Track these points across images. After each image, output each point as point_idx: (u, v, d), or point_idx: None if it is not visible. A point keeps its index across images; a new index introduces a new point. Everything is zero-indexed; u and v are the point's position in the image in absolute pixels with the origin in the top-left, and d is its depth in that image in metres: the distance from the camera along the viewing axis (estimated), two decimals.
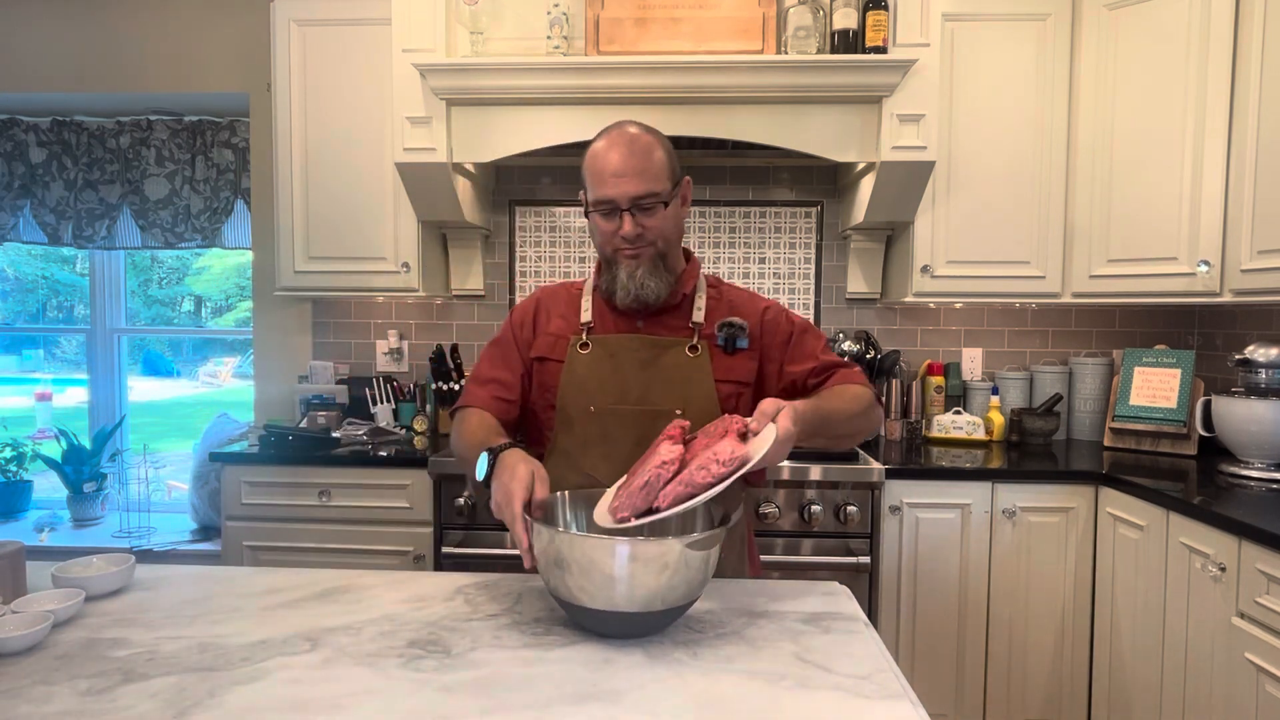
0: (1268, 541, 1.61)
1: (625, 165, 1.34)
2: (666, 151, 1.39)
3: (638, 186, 1.34)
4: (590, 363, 1.42)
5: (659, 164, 1.36)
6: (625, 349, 1.42)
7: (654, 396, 1.39)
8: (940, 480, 2.27)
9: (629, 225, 1.35)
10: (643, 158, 1.35)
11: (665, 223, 1.38)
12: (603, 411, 1.39)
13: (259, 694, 0.91)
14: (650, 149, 1.36)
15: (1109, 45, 2.42)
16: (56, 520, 3.23)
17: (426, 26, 2.34)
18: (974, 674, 2.29)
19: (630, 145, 1.35)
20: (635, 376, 1.40)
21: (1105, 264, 2.45)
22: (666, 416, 1.36)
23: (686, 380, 1.39)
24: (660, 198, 1.36)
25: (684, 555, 1.01)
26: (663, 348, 1.41)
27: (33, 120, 3.15)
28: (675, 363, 1.40)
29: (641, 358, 1.41)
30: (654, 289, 1.39)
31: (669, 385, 1.39)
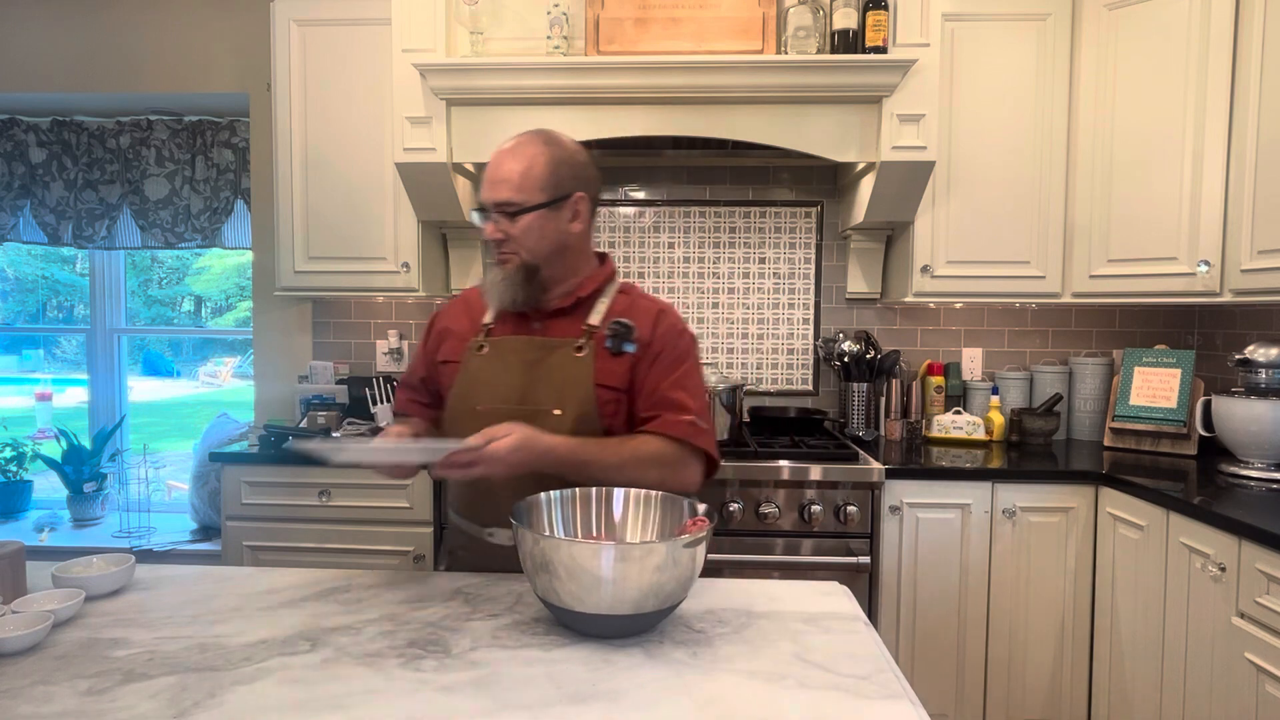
0: (1268, 541, 1.61)
1: (497, 171, 1.38)
2: (552, 164, 1.38)
3: (500, 193, 1.37)
4: (483, 364, 1.44)
5: (533, 175, 1.37)
6: (514, 349, 1.44)
7: (535, 397, 1.39)
8: (940, 480, 2.27)
9: (489, 228, 1.39)
10: (517, 166, 1.37)
11: (529, 233, 1.38)
12: (486, 411, 1.39)
13: (259, 694, 0.91)
14: (530, 159, 1.37)
15: (1109, 45, 2.42)
16: (56, 520, 3.23)
17: (426, 26, 2.34)
18: (974, 674, 2.29)
19: (511, 153, 1.39)
20: (520, 377, 1.41)
21: (1105, 264, 2.45)
22: (545, 417, 1.36)
23: (567, 381, 1.39)
24: (520, 207, 1.36)
25: (672, 554, 1.01)
26: (550, 348, 1.42)
27: (33, 120, 3.15)
28: (560, 363, 1.41)
29: (528, 358, 1.42)
30: (514, 300, 1.40)
31: (550, 386, 1.40)
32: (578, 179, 1.41)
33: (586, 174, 1.43)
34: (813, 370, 2.95)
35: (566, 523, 1.24)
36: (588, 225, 1.45)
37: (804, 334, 2.94)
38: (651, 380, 1.42)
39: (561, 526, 1.24)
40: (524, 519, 1.16)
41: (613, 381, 1.40)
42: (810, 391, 2.95)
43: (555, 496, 1.25)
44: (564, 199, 1.39)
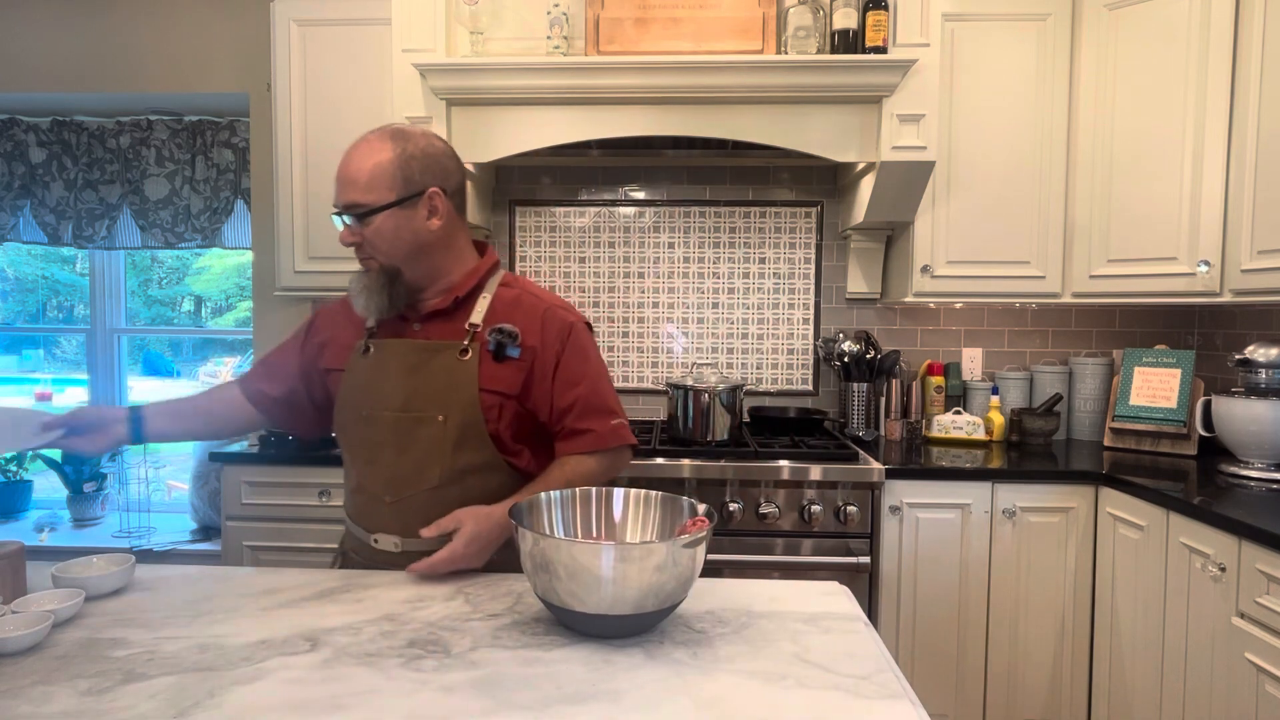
0: (1268, 541, 1.61)
1: (344, 172, 1.33)
2: (400, 160, 1.32)
3: (347, 195, 1.32)
4: (366, 369, 1.41)
5: (380, 173, 1.31)
6: (397, 354, 1.39)
7: (417, 402, 1.36)
8: (940, 480, 2.27)
9: (344, 232, 1.35)
10: (355, 168, 1.32)
11: (382, 235, 1.33)
12: (370, 417, 1.38)
13: (259, 694, 0.91)
14: (377, 157, 1.31)
15: (1109, 45, 2.42)
16: (56, 520, 3.23)
17: (426, 26, 2.34)
18: (974, 674, 2.29)
19: (357, 152, 1.33)
20: (402, 381, 1.37)
21: (1105, 264, 2.45)
22: (428, 423, 1.34)
23: (451, 386, 1.36)
24: (369, 208, 1.31)
25: (672, 554, 1.01)
26: (433, 351, 1.38)
27: (33, 120, 3.15)
28: (443, 367, 1.36)
29: (410, 362, 1.38)
30: (378, 306, 1.36)
31: (433, 391, 1.36)
32: (431, 173, 1.35)
33: (442, 167, 1.37)
34: (813, 370, 2.95)
35: (566, 523, 1.24)
36: (451, 220, 1.39)
37: (804, 334, 2.94)
38: (562, 384, 1.40)
39: (561, 527, 1.24)
40: (524, 519, 1.16)
41: (499, 386, 1.37)
42: (810, 391, 2.95)
43: (555, 496, 1.24)
44: (416, 196, 1.33)
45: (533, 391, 1.40)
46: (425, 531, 1.28)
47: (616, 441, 1.43)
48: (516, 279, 1.48)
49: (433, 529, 1.28)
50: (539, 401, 1.41)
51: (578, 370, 1.41)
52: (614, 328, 2.96)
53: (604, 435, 1.42)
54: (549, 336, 1.40)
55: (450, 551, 1.27)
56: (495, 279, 1.45)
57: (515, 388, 1.38)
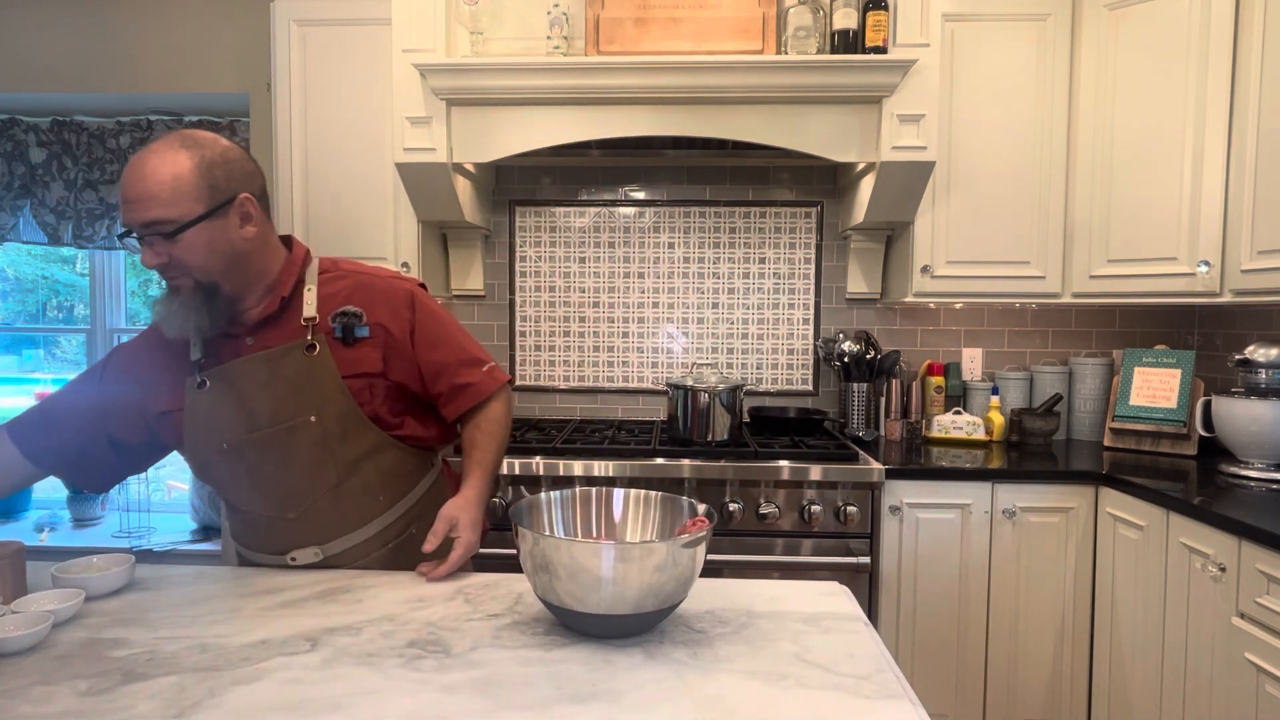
0: (1268, 541, 1.61)
1: (138, 187, 1.20)
2: (203, 168, 1.22)
3: (149, 212, 1.20)
4: (209, 400, 1.32)
5: (183, 185, 1.20)
6: (241, 374, 1.32)
7: (286, 411, 1.31)
8: (940, 480, 2.27)
9: (147, 254, 1.23)
10: (152, 181, 1.20)
11: (195, 251, 1.23)
12: (234, 447, 1.32)
13: (259, 694, 0.91)
14: (175, 167, 1.20)
15: (1109, 45, 2.42)
16: (56, 520, 3.23)
17: (426, 26, 2.33)
18: (974, 674, 2.29)
19: (139, 169, 1.20)
20: (259, 398, 1.31)
21: (1105, 264, 2.45)
22: (303, 427, 1.32)
23: (311, 384, 1.32)
24: (177, 224, 1.20)
25: (672, 554, 1.01)
26: (278, 358, 1.32)
27: (33, 120, 3.15)
28: (295, 369, 1.32)
29: (259, 378, 1.31)
30: (198, 327, 1.27)
31: (296, 395, 1.32)
32: (236, 178, 1.26)
33: (245, 170, 1.28)
34: (813, 370, 2.95)
35: (566, 523, 1.24)
36: (264, 224, 1.31)
37: (804, 334, 2.94)
38: (426, 349, 1.40)
39: (561, 527, 1.24)
40: (524, 519, 1.16)
41: (361, 368, 1.35)
42: (810, 392, 2.95)
43: (555, 497, 1.25)
44: (226, 204, 1.24)
45: (395, 365, 1.38)
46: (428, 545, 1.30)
47: (496, 384, 1.45)
48: (335, 262, 1.43)
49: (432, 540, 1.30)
50: (404, 373, 1.40)
51: (435, 333, 1.42)
52: (614, 328, 2.96)
53: (483, 384, 1.43)
54: (394, 308, 1.39)
55: (464, 547, 1.31)
56: (312, 269, 1.39)
57: (377, 365, 1.36)
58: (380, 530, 1.41)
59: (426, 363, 1.41)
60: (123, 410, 1.38)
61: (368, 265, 1.45)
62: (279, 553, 1.39)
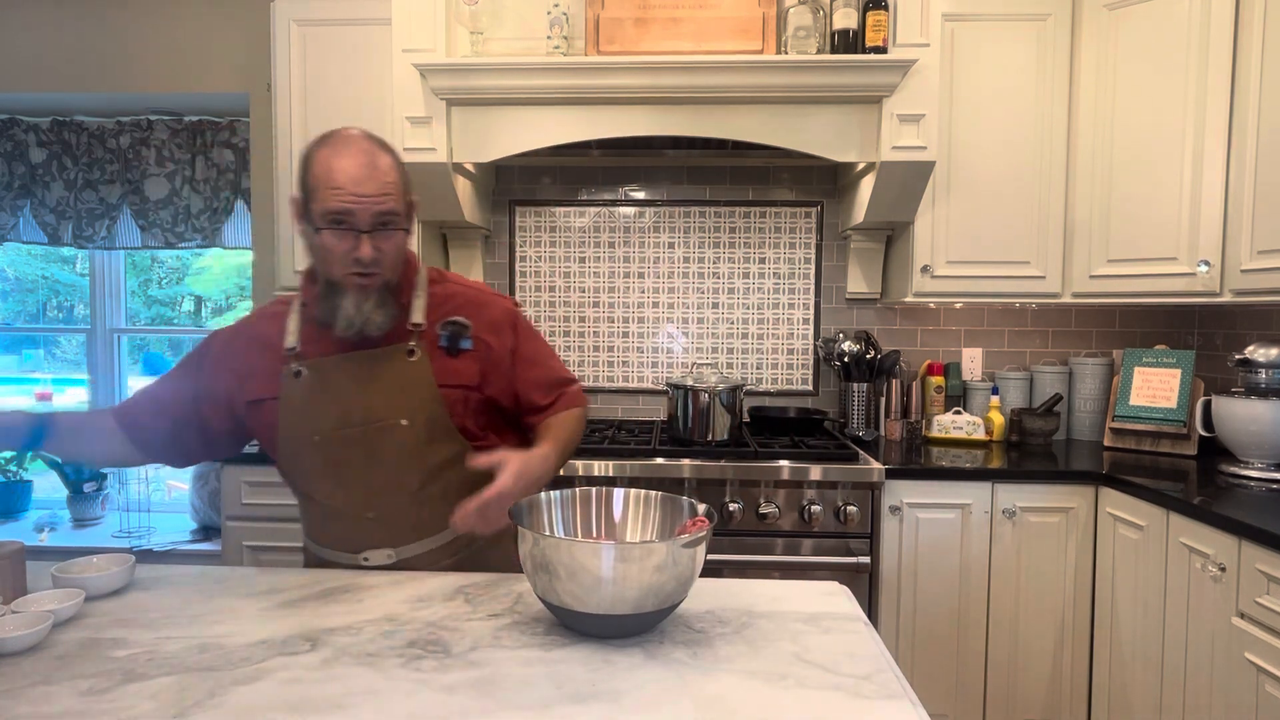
0: (1268, 541, 1.61)
1: (369, 180, 1.21)
2: (403, 171, 1.30)
3: (381, 204, 1.22)
4: (306, 391, 1.33)
5: (400, 183, 1.27)
6: (339, 368, 1.33)
7: (378, 411, 1.32)
8: (940, 480, 2.27)
9: (366, 248, 1.23)
10: (387, 175, 1.24)
11: (399, 248, 1.29)
12: (326, 439, 1.33)
13: (259, 694, 0.91)
14: (392, 167, 1.26)
15: (1109, 45, 2.42)
16: (56, 520, 3.22)
17: (426, 26, 2.33)
18: (974, 674, 2.29)
19: (372, 158, 1.23)
20: (355, 395, 1.33)
21: (1105, 264, 2.45)
22: (393, 429, 1.32)
23: (407, 388, 1.33)
24: (401, 221, 1.27)
25: (672, 554, 1.01)
26: (379, 359, 1.33)
27: (33, 120, 3.15)
28: (394, 372, 1.33)
29: (358, 375, 1.33)
30: (380, 322, 1.30)
31: (391, 397, 1.32)
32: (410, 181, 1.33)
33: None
34: (813, 370, 2.95)
35: (566, 523, 1.24)
36: None
37: (804, 334, 2.94)
38: (523, 370, 1.42)
39: (561, 526, 1.24)
40: (523, 519, 1.16)
41: (459, 380, 1.36)
42: (810, 391, 2.95)
43: (555, 497, 1.24)
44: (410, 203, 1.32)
45: (491, 380, 1.39)
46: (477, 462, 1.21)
47: (581, 402, 1.48)
48: (442, 274, 1.44)
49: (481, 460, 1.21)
50: (500, 389, 1.41)
51: (532, 352, 1.44)
52: (614, 328, 2.96)
53: (571, 397, 1.47)
54: (498, 326, 1.41)
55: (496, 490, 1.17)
56: (422, 276, 1.40)
57: (474, 379, 1.37)
58: (451, 540, 1.41)
59: (523, 380, 1.43)
60: (214, 398, 1.39)
61: (469, 280, 1.47)
62: (353, 551, 1.38)
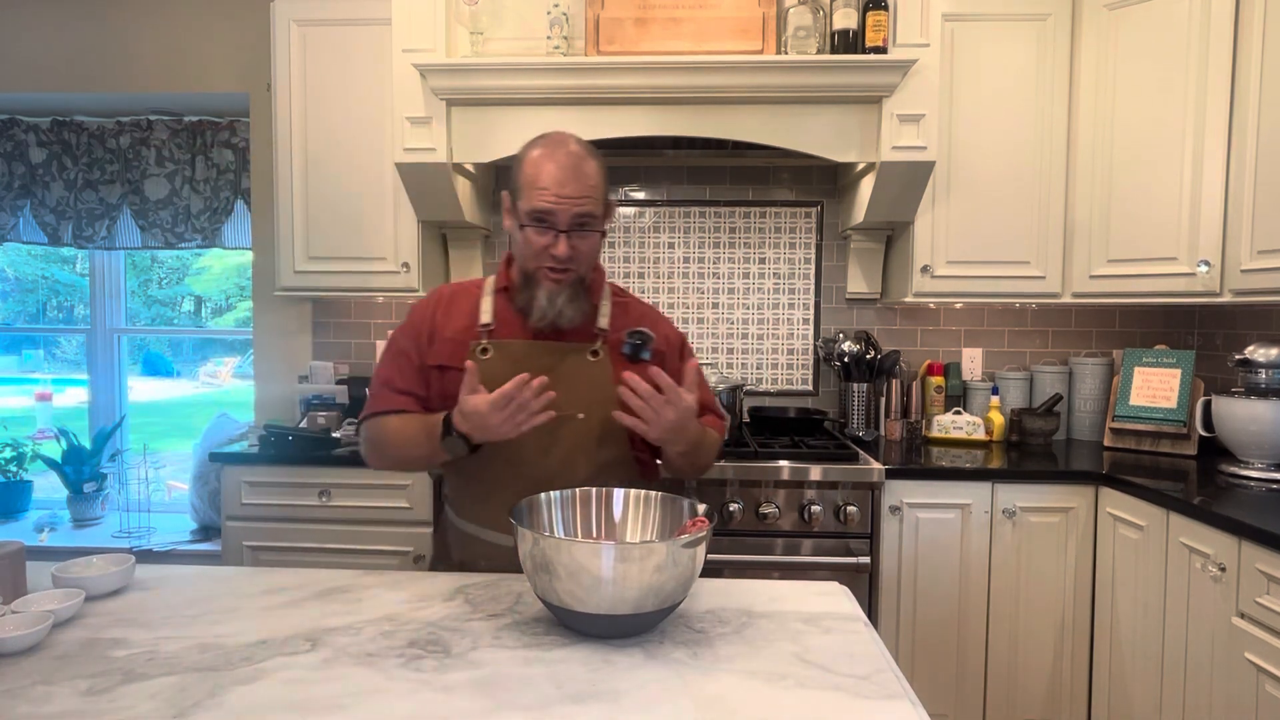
0: (1268, 541, 1.61)
1: (572, 182, 1.33)
2: (605, 176, 1.39)
3: (581, 205, 1.33)
4: (491, 369, 1.38)
5: (600, 188, 1.37)
6: (527, 354, 1.41)
7: (557, 401, 1.35)
8: (940, 480, 2.27)
9: (563, 246, 1.34)
10: (590, 178, 1.35)
11: (594, 249, 1.39)
12: None
13: (259, 694, 0.91)
14: (596, 172, 1.36)
15: (1109, 45, 2.42)
16: (56, 520, 3.22)
17: (426, 26, 2.33)
18: (974, 674, 2.29)
19: (578, 163, 1.34)
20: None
21: (1105, 264, 2.45)
22: (569, 421, 1.38)
23: (588, 384, 1.41)
24: (598, 223, 1.37)
25: (672, 554, 1.01)
26: (564, 353, 1.42)
27: (33, 120, 3.15)
28: (577, 367, 1.41)
29: (543, 363, 1.40)
30: (570, 316, 1.40)
31: (571, 389, 1.38)
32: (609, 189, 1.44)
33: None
34: (813, 370, 2.95)
35: (566, 523, 1.24)
36: None
37: (804, 334, 2.94)
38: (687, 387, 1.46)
39: (561, 527, 1.24)
40: (524, 519, 1.16)
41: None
42: (810, 392, 2.95)
43: (555, 497, 1.25)
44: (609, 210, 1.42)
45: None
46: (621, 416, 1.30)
47: (722, 433, 1.56)
48: (622, 290, 1.55)
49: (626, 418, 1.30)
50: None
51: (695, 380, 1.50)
52: None
53: (716, 425, 1.55)
54: (672, 345, 1.52)
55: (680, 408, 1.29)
56: (607, 289, 1.51)
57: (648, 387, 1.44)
58: None
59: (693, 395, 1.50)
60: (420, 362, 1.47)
61: (643, 300, 1.59)
62: (508, 531, 1.37)
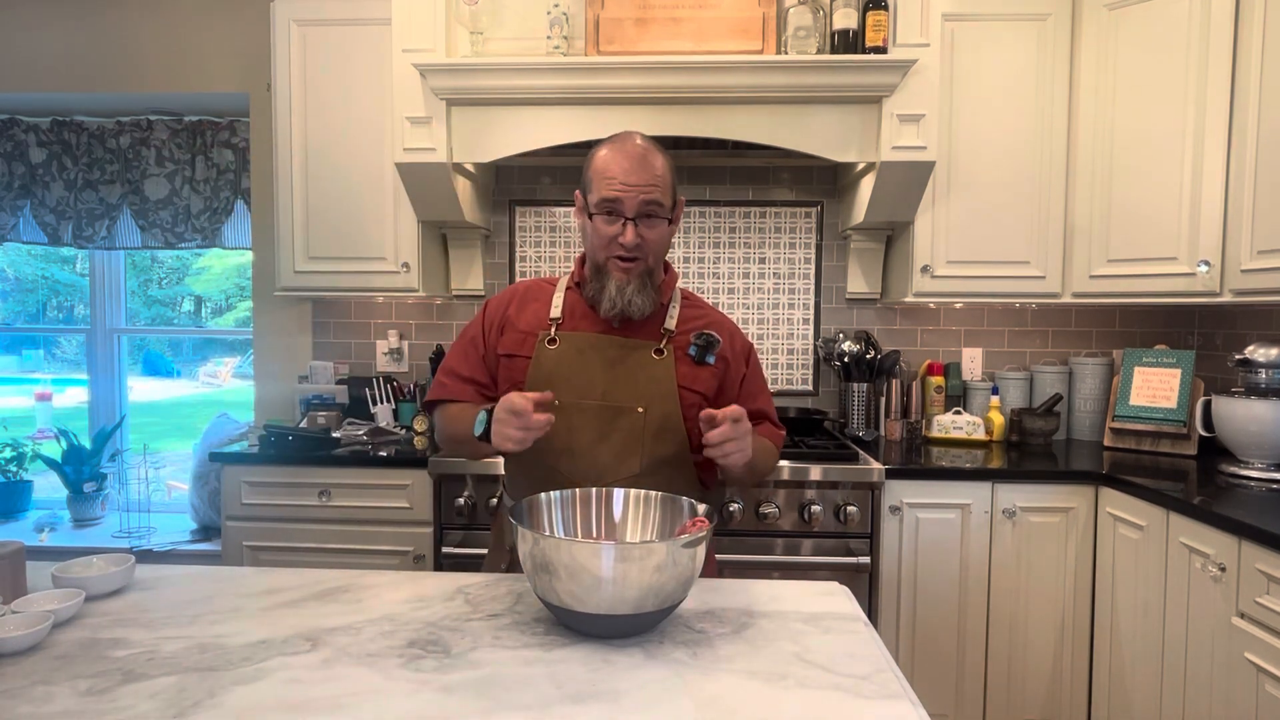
0: (1268, 541, 1.61)
1: (642, 174, 1.38)
2: (673, 170, 1.44)
3: (648, 194, 1.37)
4: (557, 358, 1.44)
5: (668, 179, 1.41)
6: (593, 346, 1.45)
7: (617, 394, 1.42)
8: (940, 480, 2.27)
9: (630, 234, 1.38)
10: (656, 169, 1.39)
11: (662, 239, 1.42)
12: (566, 406, 1.41)
13: (259, 694, 0.91)
14: (663, 165, 1.41)
15: (1109, 45, 2.42)
16: (56, 520, 3.22)
17: (426, 26, 2.34)
18: (974, 674, 2.29)
19: (645, 154, 1.39)
20: (600, 373, 1.43)
21: (1105, 264, 2.45)
22: (628, 414, 1.41)
23: (650, 380, 1.43)
24: (665, 211, 1.40)
25: (672, 554, 1.01)
26: (630, 348, 1.44)
27: (33, 120, 3.15)
28: (641, 363, 1.43)
29: (609, 356, 1.44)
30: (640, 306, 1.42)
31: (633, 384, 1.42)
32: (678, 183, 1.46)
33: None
34: (813, 370, 2.95)
35: (566, 523, 1.24)
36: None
37: (804, 334, 2.94)
38: (747, 396, 1.52)
39: (561, 527, 1.24)
40: (524, 519, 1.16)
41: (698, 386, 1.45)
42: (810, 391, 2.95)
43: (555, 497, 1.25)
44: (676, 205, 1.44)
45: (721, 398, 1.49)
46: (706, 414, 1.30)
47: (779, 442, 1.56)
48: (692, 295, 1.57)
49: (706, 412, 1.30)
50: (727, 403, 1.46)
51: (757, 386, 1.57)
52: None
53: (773, 432, 1.55)
54: (737, 352, 1.53)
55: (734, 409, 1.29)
56: (678, 292, 1.54)
57: (711, 391, 1.47)
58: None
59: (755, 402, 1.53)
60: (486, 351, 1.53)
61: (714, 307, 1.61)
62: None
